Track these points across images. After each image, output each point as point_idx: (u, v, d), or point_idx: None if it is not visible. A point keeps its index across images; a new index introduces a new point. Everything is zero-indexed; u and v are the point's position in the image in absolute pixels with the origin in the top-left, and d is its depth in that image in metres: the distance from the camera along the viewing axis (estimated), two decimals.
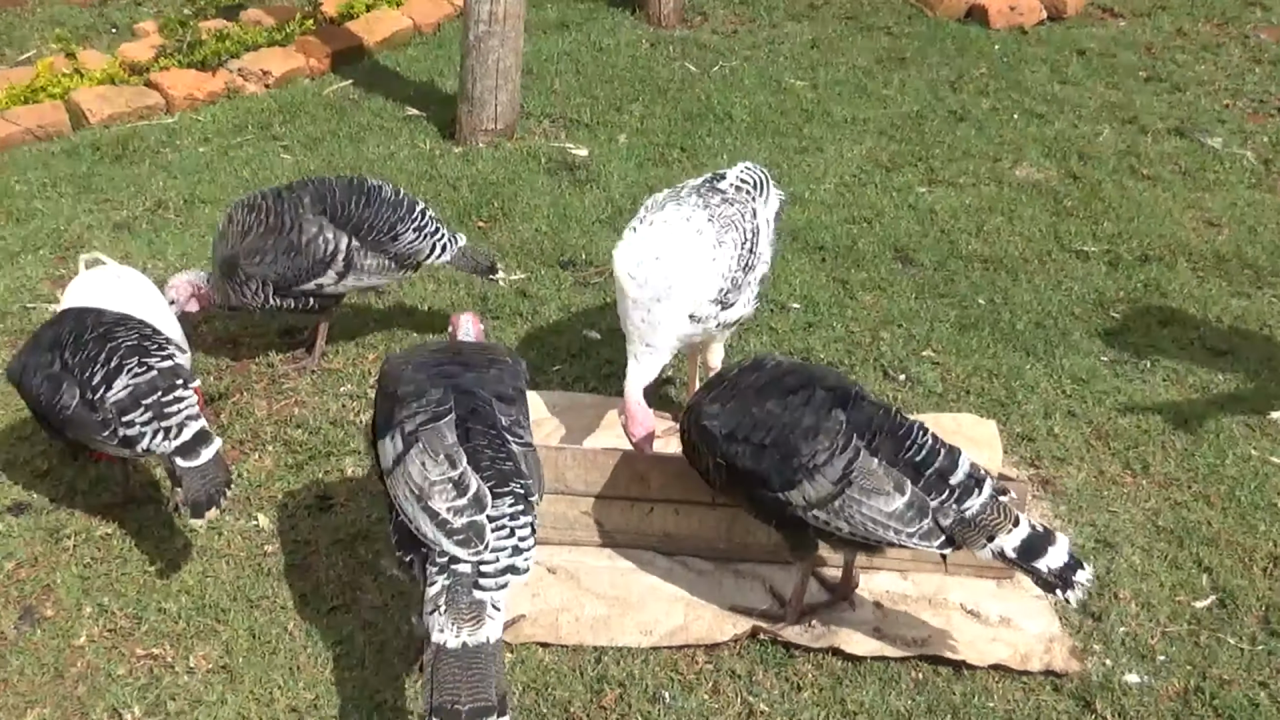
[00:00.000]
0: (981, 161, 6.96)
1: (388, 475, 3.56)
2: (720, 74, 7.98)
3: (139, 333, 4.14)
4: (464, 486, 3.41)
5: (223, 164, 6.74)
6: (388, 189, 5.08)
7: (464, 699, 3.19)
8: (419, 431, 3.51)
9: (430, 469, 3.44)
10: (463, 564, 3.34)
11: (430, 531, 3.37)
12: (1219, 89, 8.09)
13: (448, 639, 3.26)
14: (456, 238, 5.16)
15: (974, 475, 3.64)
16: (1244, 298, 5.83)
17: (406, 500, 3.44)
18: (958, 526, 3.59)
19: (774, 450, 3.69)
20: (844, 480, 3.62)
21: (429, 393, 3.60)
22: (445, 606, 3.30)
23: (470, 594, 3.32)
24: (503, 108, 7.02)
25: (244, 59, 7.75)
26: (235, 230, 4.90)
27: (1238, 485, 4.65)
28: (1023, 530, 3.58)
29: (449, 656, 3.24)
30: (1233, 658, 3.97)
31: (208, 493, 3.91)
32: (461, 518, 3.36)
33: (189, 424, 3.97)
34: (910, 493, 3.60)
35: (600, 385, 5.10)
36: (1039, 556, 3.56)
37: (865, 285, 5.79)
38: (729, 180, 4.59)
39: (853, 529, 3.65)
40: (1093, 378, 5.20)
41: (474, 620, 3.29)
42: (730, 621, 4.00)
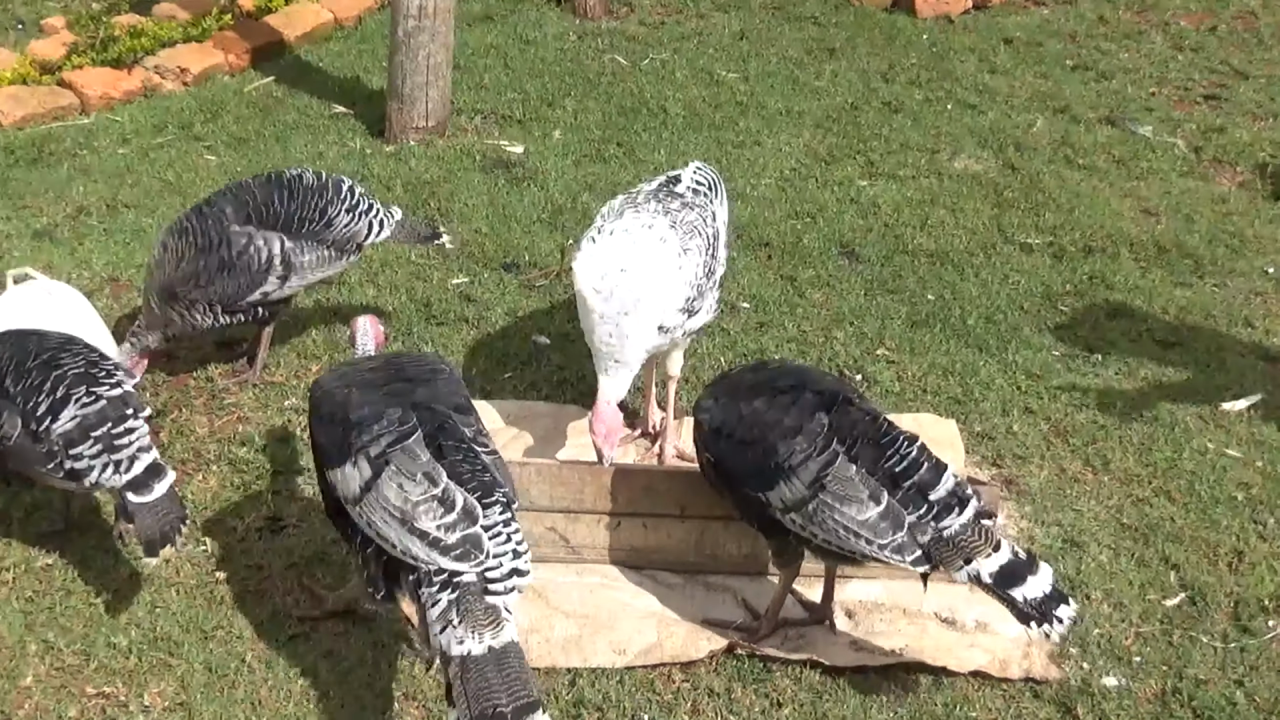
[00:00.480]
0: (920, 153, 6.93)
1: (354, 504, 3.42)
2: (651, 66, 7.86)
3: (85, 359, 3.92)
4: (450, 502, 3.30)
5: (144, 166, 6.49)
6: (308, 175, 4.89)
7: (505, 700, 3.12)
8: (388, 453, 3.38)
9: (410, 490, 3.32)
10: (466, 575, 3.25)
11: (423, 553, 3.27)
12: (1144, 76, 8.14)
13: (471, 648, 3.17)
14: (392, 211, 4.99)
15: (957, 494, 3.56)
16: (1186, 288, 5.86)
17: (387, 526, 3.32)
18: (934, 545, 3.51)
19: (755, 448, 3.64)
20: (817, 484, 3.55)
21: (387, 413, 3.46)
22: (459, 618, 3.20)
23: (482, 600, 3.24)
24: (434, 105, 6.85)
25: (160, 56, 7.48)
26: (170, 258, 4.68)
27: (1197, 479, 4.66)
28: (1003, 555, 3.49)
29: (477, 664, 3.15)
30: (1206, 656, 3.96)
31: (162, 530, 3.72)
32: (454, 533, 3.27)
33: (140, 456, 3.77)
34: (885, 503, 3.52)
35: (554, 392, 4.98)
36: (1017, 584, 3.47)
37: (813, 283, 5.73)
38: (685, 183, 4.49)
39: (826, 535, 3.58)
40: (1046, 373, 5.19)
41: (493, 624, 3.21)
42: (704, 637, 3.92)
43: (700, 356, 5.12)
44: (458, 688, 3.15)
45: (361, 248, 4.92)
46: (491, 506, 3.35)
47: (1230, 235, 6.31)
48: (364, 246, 4.92)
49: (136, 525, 3.73)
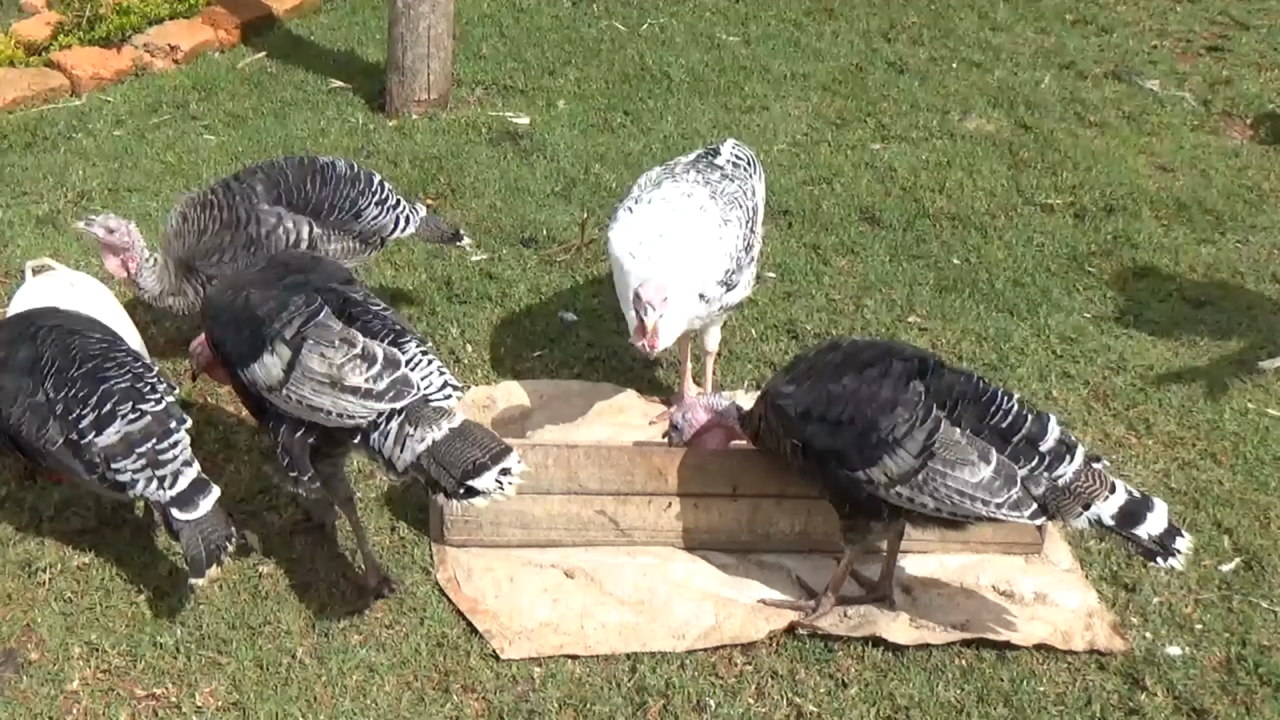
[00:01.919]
0: (930, 114, 6.85)
1: (278, 389, 3.53)
2: (650, 32, 7.74)
3: (131, 370, 3.79)
4: (372, 356, 3.48)
5: (142, 148, 6.33)
6: (341, 165, 4.78)
7: (479, 454, 3.37)
8: (303, 331, 3.54)
9: (333, 355, 3.48)
10: (405, 402, 3.44)
11: (359, 408, 3.44)
12: (1145, 29, 8.09)
13: (432, 435, 3.40)
14: (417, 208, 4.89)
15: (1065, 441, 3.53)
16: (1211, 245, 5.81)
17: (319, 394, 3.46)
18: (1050, 495, 3.47)
19: (851, 426, 3.54)
20: (925, 452, 3.47)
21: (291, 300, 3.63)
22: (414, 426, 3.42)
23: (427, 407, 3.46)
24: (435, 77, 6.71)
25: (149, 33, 7.30)
26: (190, 229, 4.55)
27: (1241, 441, 4.62)
28: (1119, 497, 3.48)
29: (443, 443, 3.39)
30: (1267, 621, 3.93)
31: (208, 549, 3.62)
32: (383, 381, 3.45)
33: (184, 471, 3.67)
34: (996, 461, 3.46)
35: (585, 370, 4.89)
36: (1139, 523, 3.47)
37: (837, 250, 5.65)
38: (724, 156, 4.40)
39: (938, 503, 3.51)
40: (1080, 336, 5.13)
41: (444, 416, 3.45)
42: (763, 617, 3.85)
43: (731, 330, 5.03)
44: (436, 469, 3.37)
45: (385, 242, 4.81)
46: (407, 345, 3.56)
47: (1248, 190, 6.27)
48: (387, 241, 4.81)
49: (182, 543, 3.63)
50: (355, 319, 3.62)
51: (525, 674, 3.69)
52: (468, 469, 3.35)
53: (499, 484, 3.36)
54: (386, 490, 4.28)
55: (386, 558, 4.03)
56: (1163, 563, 3.48)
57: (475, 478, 3.35)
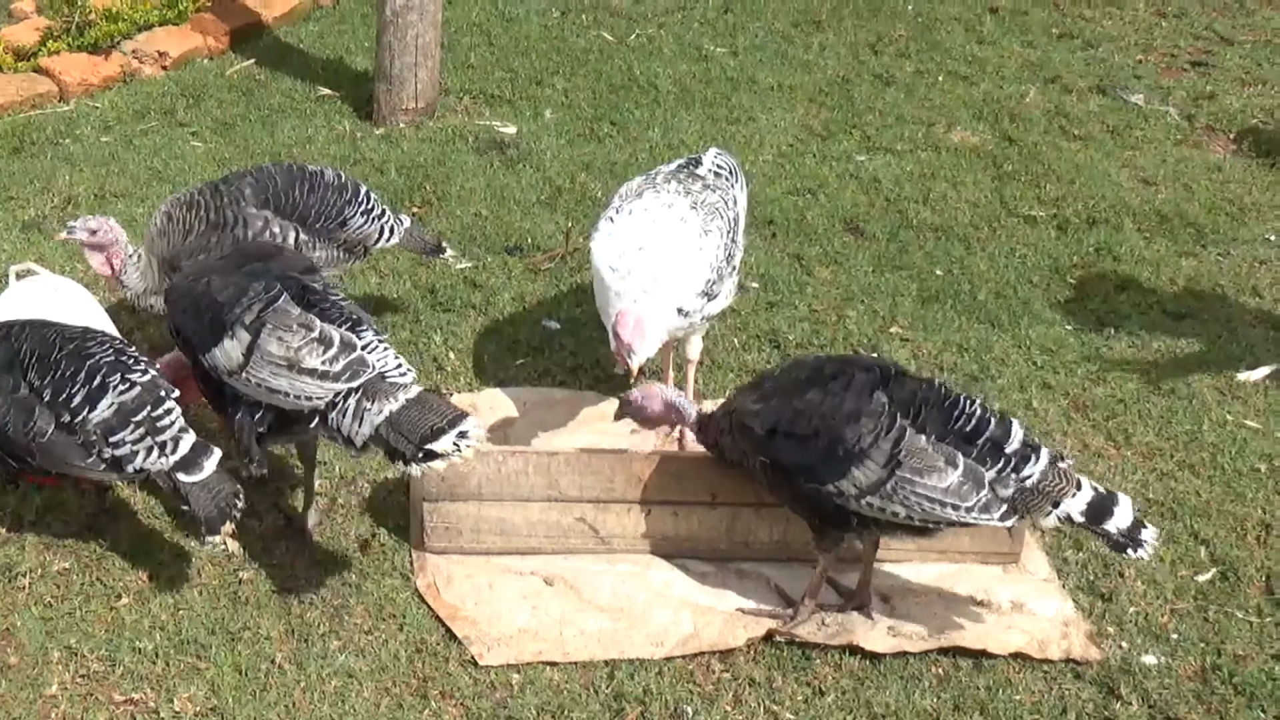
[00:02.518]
0: (915, 126, 6.88)
1: (238, 373, 3.65)
2: (638, 42, 7.76)
3: (113, 346, 3.85)
4: (329, 339, 3.60)
5: (129, 154, 6.35)
6: (329, 173, 4.81)
7: (436, 419, 3.49)
8: (262, 317, 3.65)
9: (290, 339, 3.60)
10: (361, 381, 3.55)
11: (317, 389, 3.56)
12: (1130, 44, 8.11)
13: (389, 407, 3.52)
14: (401, 218, 4.92)
15: (1029, 442, 3.56)
16: (1192, 257, 5.84)
17: (277, 377, 3.59)
18: (1019, 495, 3.51)
19: (817, 440, 3.56)
20: (893, 461, 3.50)
21: (251, 287, 3.74)
22: (371, 400, 3.54)
23: (384, 382, 3.58)
24: (423, 85, 6.73)
25: (138, 40, 7.30)
26: (175, 229, 4.57)
27: (1218, 452, 4.64)
28: (1086, 493, 3.54)
29: (400, 413, 3.51)
30: (1243, 631, 3.95)
31: (219, 506, 3.68)
32: (339, 363, 3.57)
33: (183, 436, 3.73)
34: (963, 465, 3.49)
35: (568, 378, 4.91)
36: (1107, 518, 3.53)
37: (821, 260, 5.67)
38: (706, 166, 4.42)
39: (909, 511, 3.54)
40: (1061, 347, 5.16)
41: (400, 389, 3.56)
42: (741, 624, 3.87)
43: (714, 339, 5.05)
44: (394, 438, 3.49)
45: (369, 251, 4.83)
46: (364, 332, 3.69)
47: (1229, 203, 6.30)
48: (371, 250, 4.83)
49: (193, 505, 3.68)
50: (313, 305, 3.73)
51: (504, 681, 3.70)
52: (425, 434, 3.47)
53: (456, 446, 3.47)
54: (368, 497, 4.30)
55: (366, 564, 4.05)
56: (1132, 554, 3.55)
57: (433, 441, 3.46)
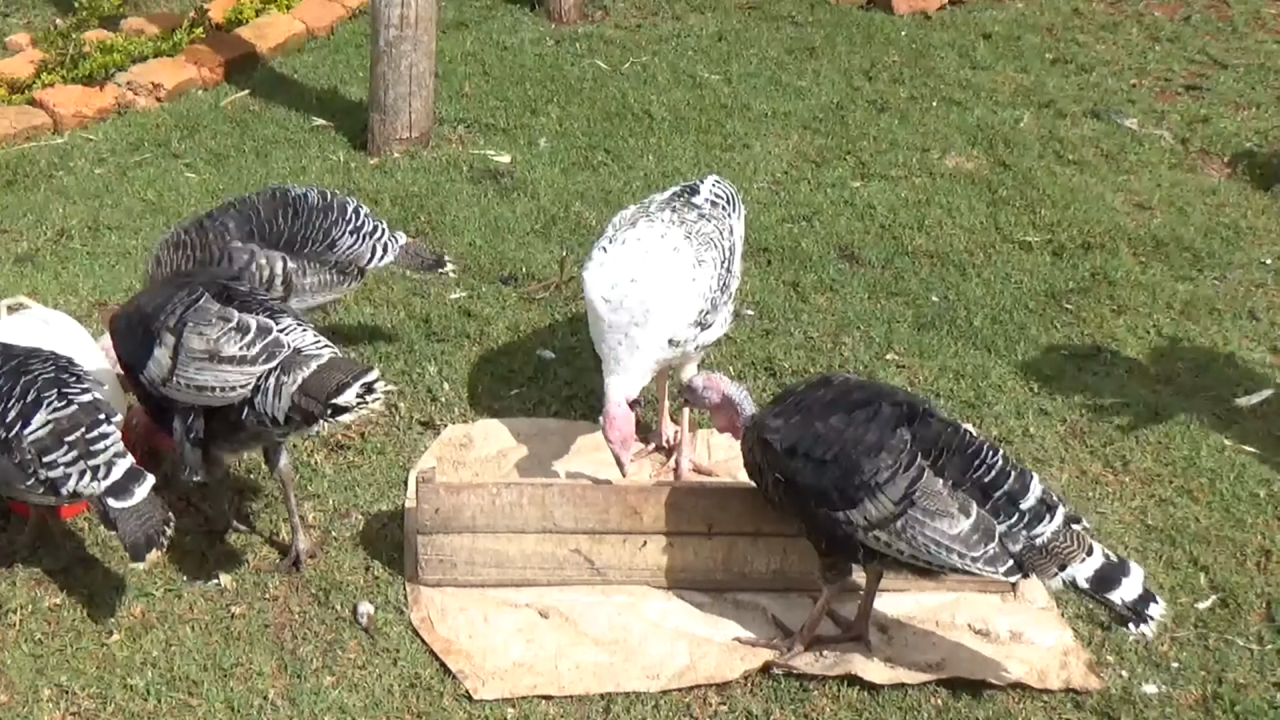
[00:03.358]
0: (910, 152, 6.88)
1: (170, 379, 3.73)
2: (632, 70, 7.77)
3: (55, 364, 3.81)
4: (246, 327, 3.70)
5: (123, 186, 6.34)
6: (313, 194, 4.78)
7: (341, 375, 3.62)
8: (184, 317, 3.75)
9: (210, 331, 3.70)
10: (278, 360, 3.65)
11: (238, 376, 3.65)
12: (1124, 68, 8.13)
13: (303, 373, 3.63)
14: (396, 236, 4.88)
15: (1046, 500, 3.51)
16: (1188, 282, 5.83)
17: (201, 372, 3.67)
18: (1027, 553, 3.47)
19: (835, 466, 3.53)
20: (906, 500, 3.47)
21: (175, 295, 3.85)
22: (287, 373, 3.64)
23: (299, 356, 3.68)
24: (417, 115, 6.73)
25: (132, 71, 7.32)
26: (164, 273, 4.54)
27: (1217, 478, 4.62)
28: (1096, 560, 3.46)
29: (312, 376, 3.63)
30: (1244, 659, 3.92)
31: (146, 533, 3.65)
32: (255, 347, 3.66)
33: (117, 461, 3.68)
34: (976, 515, 3.46)
35: (563, 409, 4.88)
36: (1113, 588, 3.44)
37: (816, 287, 5.66)
38: (703, 195, 4.41)
39: (914, 551, 3.51)
40: (1058, 374, 5.14)
41: (314, 357, 3.68)
42: (738, 656, 3.84)
43: (709, 366, 5.01)
44: (305, 401, 3.61)
45: (364, 272, 4.80)
46: (282, 319, 3.79)
47: (1225, 227, 6.29)
48: (366, 271, 4.80)
49: (120, 531, 3.65)
50: (233, 300, 3.83)
51: (499, 715, 3.67)
52: (330, 390, 3.58)
53: (361, 399, 3.61)
54: (362, 530, 4.27)
55: (360, 597, 4.01)
56: (1134, 629, 3.46)
57: (338, 396, 3.58)
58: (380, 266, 4.81)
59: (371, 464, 4.54)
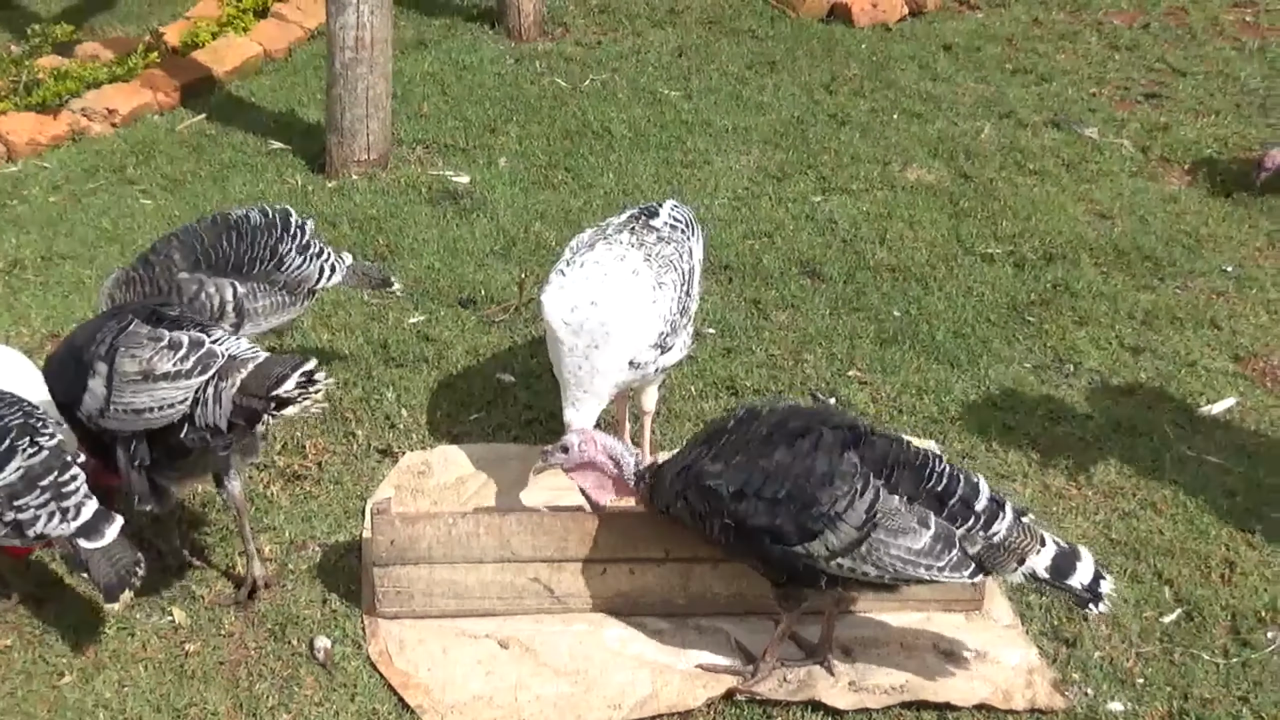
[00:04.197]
0: (871, 166, 6.86)
1: (107, 408, 3.67)
2: (592, 88, 7.74)
3: (21, 409, 3.77)
4: (177, 343, 3.66)
5: (78, 214, 6.27)
6: (254, 214, 4.71)
7: (279, 368, 3.60)
8: (114, 343, 3.70)
9: (142, 353, 3.65)
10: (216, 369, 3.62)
11: (176, 392, 3.60)
12: (1084, 77, 8.13)
13: (241, 374, 3.60)
14: (343, 256, 4.84)
15: (995, 499, 3.53)
16: (1149, 291, 5.82)
17: (137, 395, 3.62)
18: (986, 552, 3.47)
19: (790, 503, 3.48)
20: (868, 524, 3.44)
21: (105, 324, 3.81)
22: (225, 379, 3.60)
23: (237, 360, 3.65)
24: (375, 137, 6.68)
25: (87, 98, 7.24)
26: None
27: (1181, 489, 4.60)
28: (1050, 549, 3.49)
29: (251, 373, 3.60)
30: (1209, 673, 3.89)
31: (119, 574, 3.62)
32: (189, 360, 3.63)
33: (86, 502, 3.65)
34: (936, 525, 3.45)
35: (522, 433, 4.83)
36: (1071, 574, 3.48)
37: (778, 304, 5.63)
38: (662, 218, 4.37)
39: (881, 571, 3.49)
40: (1020, 387, 5.12)
41: (250, 357, 3.66)
42: (701, 684, 3.79)
43: (671, 387, 5.00)
44: (246, 400, 3.58)
45: (314, 293, 4.75)
46: (214, 331, 3.77)
47: (1186, 235, 6.29)
48: (316, 292, 4.75)
49: (92, 573, 3.62)
50: (163, 321, 3.80)
51: None
52: (270, 384, 3.57)
53: (303, 389, 3.59)
54: (318, 562, 4.21)
55: (317, 631, 3.95)
56: (1094, 609, 3.49)
57: (278, 387, 3.56)
58: (329, 286, 4.76)
59: (328, 494, 4.48)
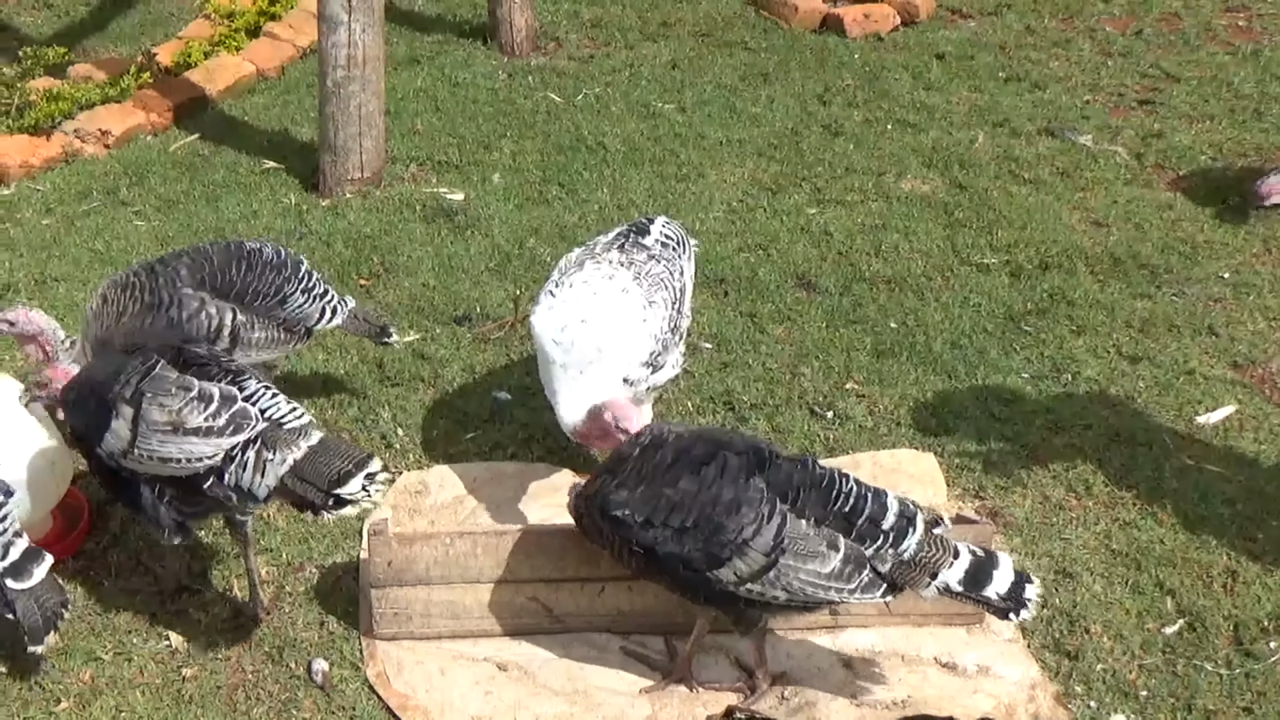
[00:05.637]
0: (865, 177, 6.84)
1: (130, 450, 3.58)
2: (585, 102, 7.72)
3: None
4: (209, 396, 3.57)
5: (71, 237, 6.25)
6: (268, 250, 4.71)
7: (343, 463, 3.50)
8: (141, 387, 3.61)
9: (170, 402, 3.56)
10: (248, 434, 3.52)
11: (205, 448, 3.51)
12: (1077, 84, 8.11)
13: (292, 455, 3.51)
14: (345, 300, 4.83)
15: (905, 514, 3.49)
16: (1146, 299, 5.80)
17: (164, 444, 3.53)
18: (897, 569, 3.45)
19: (697, 531, 3.46)
20: (776, 550, 3.42)
21: (128, 364, 3.71)
22: (273, 450, 3.52)
23: (279, 430, 3.57)
24: (368, 155, 6.67)
25: (79, 119, 7.22)
26: (110, 310, 4.46)
27: (1180, 498, 4.58)
28: (964, 560, 3.47)
29: (305, 460, 3.51)
30: (1213, 685, 3.88)
31: (44, 615, 3.60)
32: (221, 417, 3.53)
33: (16, 541, 3.63)
34: (845, 548, 3.43)
35: (520, 451, 4.81)
36: (986, 584, 3.45)
37: (773, 317, 5.61)
38: (653, 236, 4.36)
39: (790, 595, 3.48)
40: (1018, 397, 5.10)
41: (301, 436, 3.56)
42: (700, 703, 3.78)
43: (667, 403, 4.99)
44: (301, 486, 3.49)
45: (311, 333, 4.73)
46: (246, 382, 3.66)
47: (1182, 242, 6.27)
48: (313, 331, 4.74)
49: (18, 613, 3.59)
50: (190, 366, 3.71)
51: None
52: (333, 479, 3.47)
53: (365, 490, 3.49)
54: (316, 583, 4.19)
55: (315, 653, 3.93)
56: (1015, 618, 3.47)
57: (341, 486, 3.47)
58: (327, 328, 4.75)
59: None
